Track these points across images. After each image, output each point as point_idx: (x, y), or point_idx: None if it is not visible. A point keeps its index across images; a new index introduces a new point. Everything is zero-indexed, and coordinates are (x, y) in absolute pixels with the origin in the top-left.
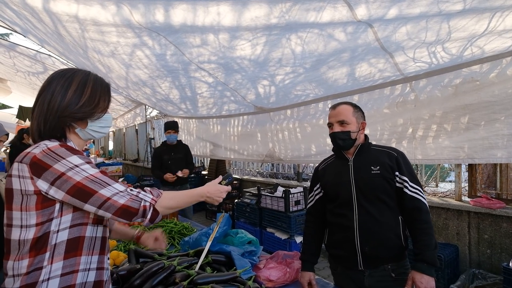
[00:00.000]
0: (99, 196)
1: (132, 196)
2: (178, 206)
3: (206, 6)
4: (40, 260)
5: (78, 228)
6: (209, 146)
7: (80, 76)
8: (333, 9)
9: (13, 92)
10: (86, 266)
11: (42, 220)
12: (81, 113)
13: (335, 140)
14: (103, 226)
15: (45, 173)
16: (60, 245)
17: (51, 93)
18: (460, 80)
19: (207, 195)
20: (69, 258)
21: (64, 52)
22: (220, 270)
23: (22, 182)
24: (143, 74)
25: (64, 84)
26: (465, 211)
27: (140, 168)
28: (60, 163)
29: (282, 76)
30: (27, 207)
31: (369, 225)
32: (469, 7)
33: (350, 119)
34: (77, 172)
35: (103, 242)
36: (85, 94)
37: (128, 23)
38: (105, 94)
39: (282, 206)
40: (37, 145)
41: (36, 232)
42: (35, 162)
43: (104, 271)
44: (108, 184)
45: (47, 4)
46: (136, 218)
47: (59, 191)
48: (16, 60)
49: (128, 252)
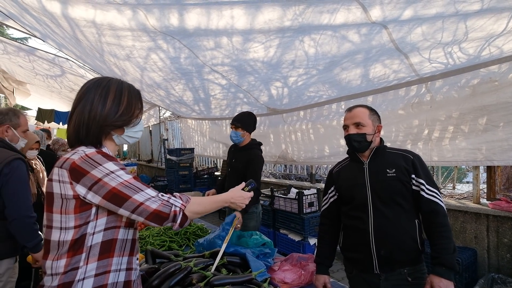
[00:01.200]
0: (132, 201)
1: (163, 201)
2: (205, 211)
3: (220, 10)
4: (77, 261)
5: (112, 231)
6: (222, 147)
7: (115, 85)
8: (347, 11)
9: (32, 94)
10: (117, 267)
11: (80, 223)
12: (120, 121)
13: (351, 142)
14: (133, 229)
15: (83, 179)
16: (95, 246)
17: (90, 102)
18: (478, 80)
19: (231, 201)
20: (102, 259)
21: (81, 56)
22: (235, 272)
23: (62, 186)
24: (158, 76)
25: (102, 93)
26: (484, 214)
27: (154, 168)
28: (97, 169)
29: (295, 78)
30: (67, 210)
31: (385, 228)
32: (487, 6)
33: (366, 122)
34: (112, 178)
35: (133, 244)
36: (122, 102)
37: (144, 27)
38: (138, 100)
39: (295, 208)
40: (75, 151)
41: (74, 234)
42: (74, 168)
43: (133, 272)
44: (141, 190)
45: (65, 10)
46: (167, 223)
47: (96, 196)
48: (35, 64)
49: (145, 252)
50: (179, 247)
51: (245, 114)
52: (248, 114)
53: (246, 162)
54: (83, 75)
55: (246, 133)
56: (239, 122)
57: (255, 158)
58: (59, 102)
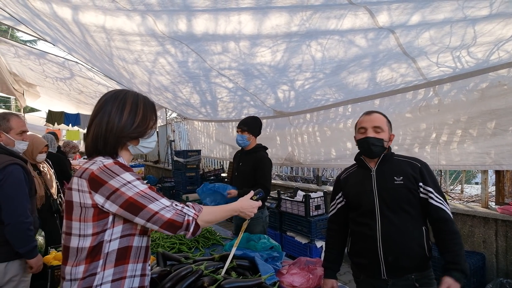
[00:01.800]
0: (148, 210)
1: (177, 210)
2: (216, 220)
3: (228, 15)
4: (95, 267)
5: (127, 238)
6: (228, 149)
7: (132, 97)
8: (354, 17)
9: (41, 96)
10: (132, 273)
11: (97, 230)
12: (136, 133)
13: (368, 145)
14: (147, 237)
15: (102, 188)
16: (111, 253)
17: (107, 114)
18: (487, 84)
19: (241, 210)
20: (118, 265)
21: (90, 59)
22: (244, 275)
23: (81, 195)
24: (165, 80)
25: (119, 106)
26: (492, 218)
27: (161, 169)
28: (115, 180)
29: (302, 81)
30: (85, 218)
31: (392, 235)
32: (496, 12)
33: (384, 128)
34: (129, 188)
35: (147, 251)
36: (138, 115)
37: (152, 32)
38: (153, 112)
39: (302, 211)
40: (93, 161)
41: (92, 241)
42: (93, 178)
43: (146, 277)
44: (156, 199)
45: (76, 16)
46: (180, 231)
47: (113, 205)
48: (45, 67)
49: (157, 255)
50: (189, 249)
51: (251, 118)
52: (254, 118)
53: (253, 165)
54: (91, 77)
55: (252, 137)
56: (245, 126)
57: (262, 160)
58: (68, 104)
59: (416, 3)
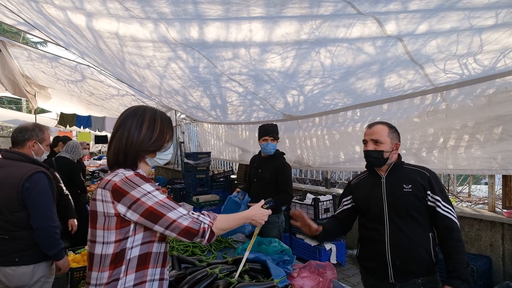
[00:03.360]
0: (166, 218)
1: (194, 219)
2: (229, 228)
3: (239, 24)
4: (118, 272)
5: (147, 245)
6: (237, 151)
7: (150, 114)
8: (362, 26)
9: (52, 98)
10: (152, 277)
11: (120, 237)
12: (154, 147)
13: (368, 158)
14: (165, 243)
15: (124, 199)
16: (133, 259)
17: (127, 130)
18: (493, 90)
19: (252, 218)
20: (139, 270)
21: (102, 63)
22: (256, 278)
23: (105, 205)
24: (176, 84)
25: (138, 121)
26: (499, 222)
27: (171, 170)
28: (136, 190)
29: (311, 87)
30: (109, 226)
31: (400, 240)
32: (502, 22)
33: (384, 139)
34: (149, 198)
35: (165, 257)
36: (155, 130)
37: (164, 39)
38: (170, 127)
39: (311, 214)
40: (116, 173)
41: (115, 248)
42: (116, 189)
43: (164, 282)
44: (174, 208)
45: (90, 23)
46: (196, 238)
47: (135, 214)
48: (58, 70)
49: (171, 258)
50: (202, 252)
51: (275, 126)
52: (274, 125)
53: (275, 172)
54: (103, 80)
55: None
56: (277, 134)
57: (284, 167)
58: (78, 105)
59: (423, 13)
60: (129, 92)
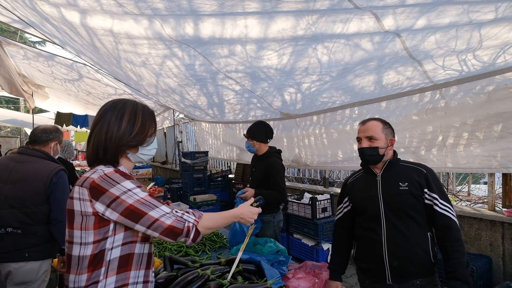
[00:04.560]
0: (148, 217)
1: (177, 217)
2: (216, 226)
3: (234, 19)
4: (97, 275)
5: (129, 245)
6: (235, 150)
7: (130, 106)
8: (359, 21)
9: (50, 97)
10: (134, 280)
11: (98, 238)
12: (135, 141)
13: (363, 155)
14: (149, 244)
15: (102, 197)
16: (113, 261)
17: (107, 124)
18: (493, 87)
19: (241, 216)
20: (120, 273)
21: (98, 62)
22: (250, 279)
23: (82, 204)
24: (173, 82)
25: (118, 115)
26: (499, 221)
27: (169, 170)
28: (115, 188)
29: (308, 84)
30: (86, 226)
31: (397, 240)
32: (501, 16)
33: (379, 135)
34: (129, 195)
35: (149, 258)
36: (137, 123)
37: (159, 36)
38: (152, 121)
39: (309, 213)
40: (94, 170)
41: (93, 249)
42: (94, 186)
43: (149, 284)
44: (156, 206)
45: (84, 20)
46: (181, 238)
47: (114, 213)
48: (54, 69)
49: (164, 258)
50: (195, 252)
51: (255, 125)
52: (258, 124)
53: (265, 171)
54: (99, 79)
55: (257, 143)
56: (248, 133)
57: (274, 166)
58: (76, 105)
59: (422, 8)
60: (126, 91)
